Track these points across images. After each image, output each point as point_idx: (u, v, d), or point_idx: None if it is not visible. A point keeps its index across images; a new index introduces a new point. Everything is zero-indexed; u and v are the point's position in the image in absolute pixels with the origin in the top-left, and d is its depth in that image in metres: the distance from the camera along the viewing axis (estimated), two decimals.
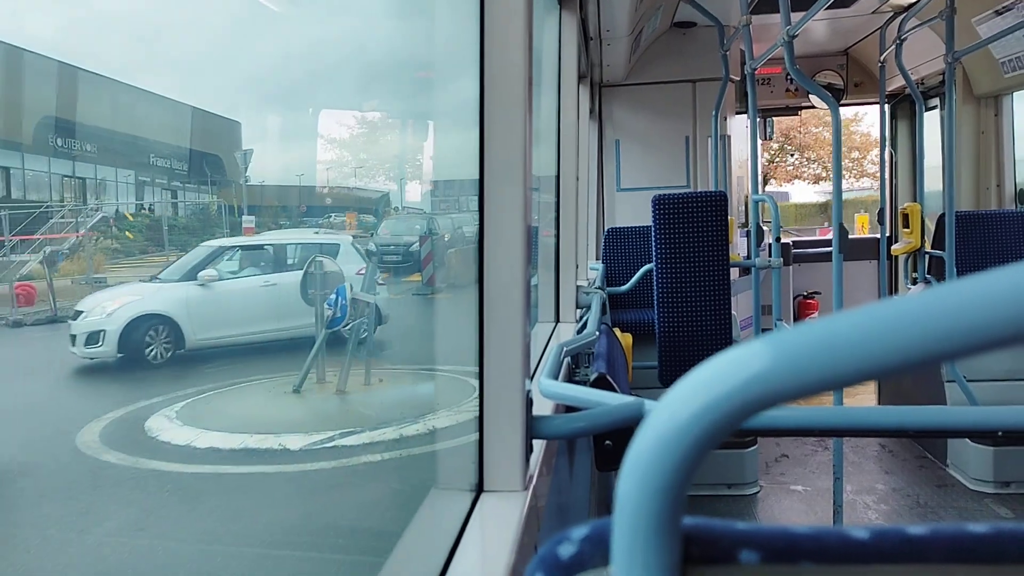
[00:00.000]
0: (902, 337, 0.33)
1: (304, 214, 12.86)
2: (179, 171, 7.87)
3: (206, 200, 8.65)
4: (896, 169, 8.00)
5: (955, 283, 0.33)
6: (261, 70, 7.09)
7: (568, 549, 0.44)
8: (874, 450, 5.57)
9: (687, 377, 0.39)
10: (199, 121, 8.41)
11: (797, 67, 3.91)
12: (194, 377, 7.43)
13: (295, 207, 12.31)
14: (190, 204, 8.02)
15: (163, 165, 7.59)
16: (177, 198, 7.89)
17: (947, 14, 4.90)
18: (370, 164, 14.97)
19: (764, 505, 4.79)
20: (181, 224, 8.22)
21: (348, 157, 15.60)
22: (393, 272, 12.16)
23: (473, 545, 1.24)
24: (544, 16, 3.57)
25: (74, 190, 6.43)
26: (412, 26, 8.51)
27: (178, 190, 7.76)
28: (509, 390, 1.38)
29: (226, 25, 6.45)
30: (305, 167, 12.73)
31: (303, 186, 12.94)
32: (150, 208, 7.51)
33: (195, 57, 6.31)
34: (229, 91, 7.07)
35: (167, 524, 4.64)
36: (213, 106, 7.72)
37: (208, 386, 7.19)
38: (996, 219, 5.48)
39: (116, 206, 7.21)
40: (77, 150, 6.43)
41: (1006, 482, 4.68)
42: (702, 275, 4.26)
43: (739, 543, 0.43)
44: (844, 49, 7.74)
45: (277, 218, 11.52)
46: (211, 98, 7.10)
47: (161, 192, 7.52)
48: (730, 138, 6.83)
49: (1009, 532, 0.42)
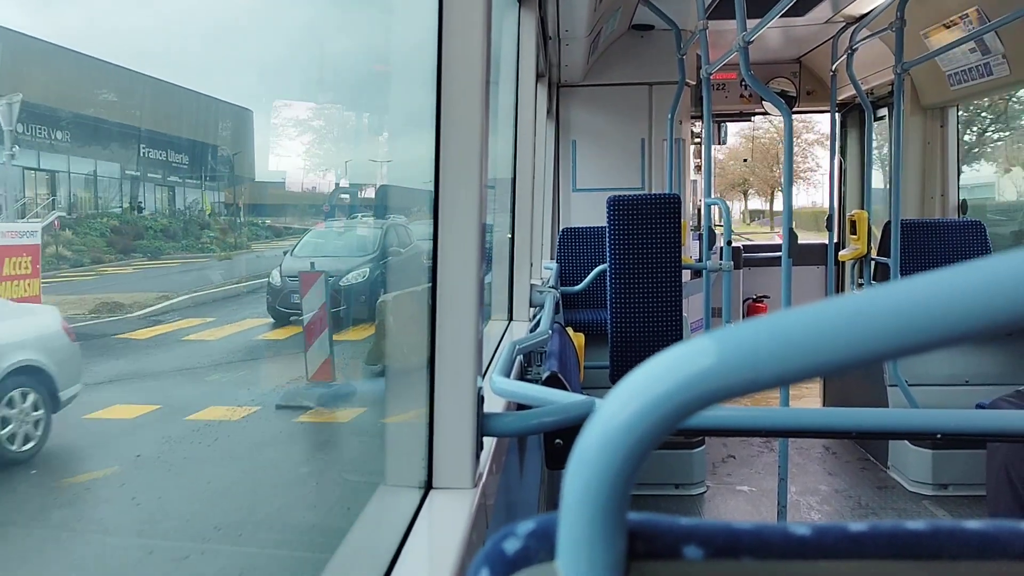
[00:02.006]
0: (845, 335, 0.34)
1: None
2: (178, 165, 6.82)
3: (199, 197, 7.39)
4: (845, 176, 8.16)
5: (898, 283, 0.34)
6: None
7: (513, 544, 0.44)
8: (818, 452, 5.68)
9: (633, 373, 0.39)
10: (203, 108, 7.45)
11: (752, 73, 3.96)
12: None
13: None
14: (170, 202, 7.01)
15: (157, 157, 6.62)
16: (175, 195, 6.88)
17: (897, 26, 5.01)
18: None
19: (711, 505, 4.86)
20: (159, 227, 7.01)
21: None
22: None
23: (421, 542, 1.23)
24: (503, 14, 3.56)
25: (37, 185, 5.58)
26: (366, 17, 8.04)
27: (176, 187, 6.77)
28: (460, 387, 1.37)
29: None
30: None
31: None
32: (138, 207, 6.44)
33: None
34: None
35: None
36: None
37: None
38: (940, 228, 5.62)
39: (81, 204, 6.04)
40: (43, 138, 5.62)
41: (944, 484, 4.81)
42: (655, 276, 4.29)
43: (683, 539, 0.43)
44: (797, 57, 7.88)
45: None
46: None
47: (156, 189, 6.58)
48: (685, 141, 6.90)
49: (946, 529, 0.43)
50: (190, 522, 3.99)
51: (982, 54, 5.33)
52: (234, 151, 7.38)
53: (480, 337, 1.41)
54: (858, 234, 5.76)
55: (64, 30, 5.05)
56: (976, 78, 5.56)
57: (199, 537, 3.85)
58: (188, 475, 4.45)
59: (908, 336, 0.33)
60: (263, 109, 8.62)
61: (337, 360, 5.43)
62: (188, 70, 6.89)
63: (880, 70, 6.50)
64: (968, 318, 0.32)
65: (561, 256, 6.09)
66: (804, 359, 0.35)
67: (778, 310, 0.37)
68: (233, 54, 7.11)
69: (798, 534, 0.43)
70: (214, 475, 4.49)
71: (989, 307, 0.32)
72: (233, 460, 4.70)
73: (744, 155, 34.47)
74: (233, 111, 7.43)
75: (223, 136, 7.42)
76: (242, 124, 7.81)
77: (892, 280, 5.13)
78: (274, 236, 7.90)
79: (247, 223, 7.87)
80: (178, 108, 6.77)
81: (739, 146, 34.25)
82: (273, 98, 8.47)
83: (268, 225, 8.19)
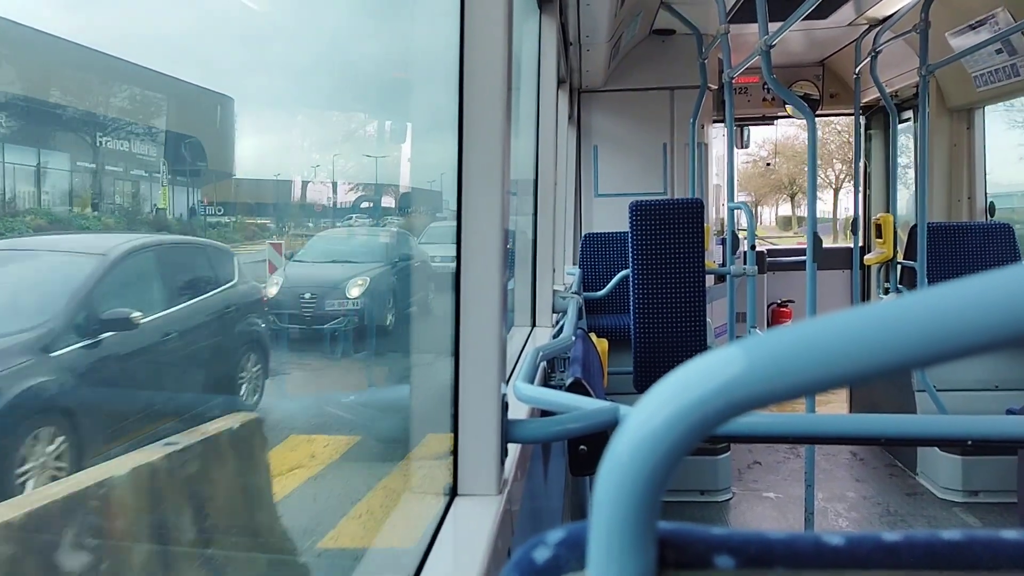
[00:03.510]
0: (874, 343, 0.34)
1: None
2: (143, 157, 5.68)
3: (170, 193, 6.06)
4: (869, 180, 8.09)
5: (927, 291, 0.33)
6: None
7: (543, 553, 0.44)
8: (845, 458, 5.63)
9: (663, 381, 0.39)
10: (173, 93, 6.14)
11: (774, 76, 3.94)
12: None
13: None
14: (122, 196, 5.76)
15: (119, 148, 5.63)
16: (139, 190, 5.98)
17: (921, 28, 4.96)
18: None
19: (736, 512, 4.82)
20: (102, 226, 5.85)
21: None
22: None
23: (446, 549, 1.23)
24: (524, 20, 3.57)
25: None
26: (389, 26, 7.62)
27: (141, 180, 5.87)
28: (485, 393, 1.37)
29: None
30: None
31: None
32: (91, 203, 5.56)
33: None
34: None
35: None
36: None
37: None
38: (968, 231, 5.55)
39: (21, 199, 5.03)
40: None
41: (974, 491, 4.74)
42: (678, 281, 4.28)
43: (714, 548, 0.43)
44: (820, 60, 7.82)
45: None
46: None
47: (116, 183, 5.69)
48: (707, 146, 6.87)
49: (982, 539, 0.43)
50: None
51: (1008, 55, 5.26)
52: (209, 142, 6.18)
53: (504, 343, 1.41)
54: (884, 238, 5.71)
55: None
56: (1003, 79, 5.49)
57: None
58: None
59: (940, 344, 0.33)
60: (250, 98, 7.03)
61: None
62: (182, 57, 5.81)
63: (904, 72, 6.45)
64: (1002, 325, 0.32)
65: (583, 261, 6.08)
66: (836, 367, 0.34)
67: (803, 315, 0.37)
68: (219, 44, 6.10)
69: (831, 544, 0.43)
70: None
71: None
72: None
73: (797, 153, 31.73)
74: (209, 98, 5.92)
75: (194, 125, 6.04)
76: (219, 113, 6.47)
77: (919, 284, 5.08)
78: (244, 239, 6.46)
79: (216, 224, 6.49)
80: (141, 92, 5.34)
81: (797, 141, 30.45)
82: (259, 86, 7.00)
83: (248, 224, 6.75)
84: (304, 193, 7.48)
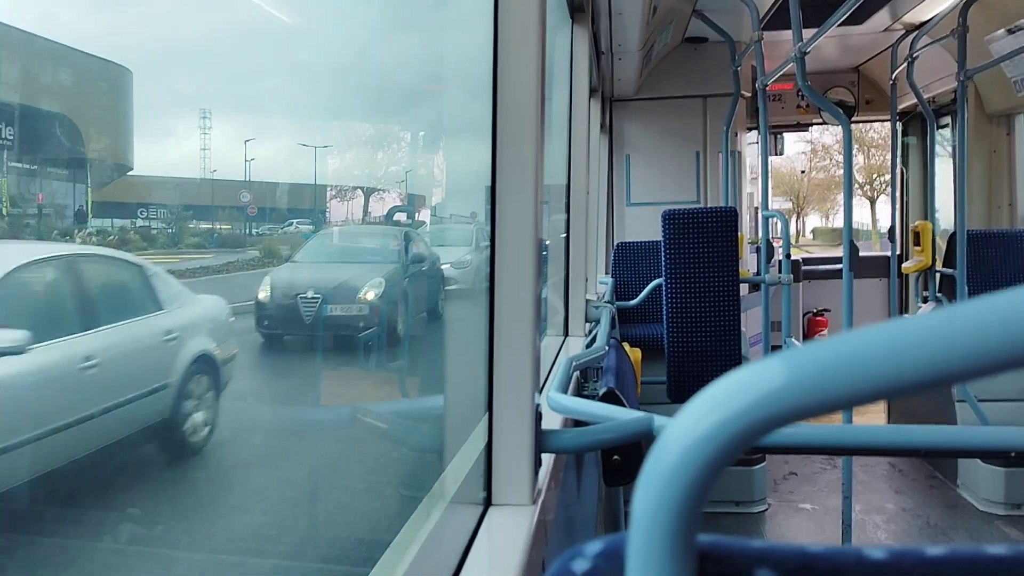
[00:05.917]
0: (916, 356, 0.33)
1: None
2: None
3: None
4: (907, 187, 7.98)
5: (970, 303, 0.33)
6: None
7: (582, 565, 0.44)
8: (883, 469, 5.54)
9: (703, 393, 0.39)
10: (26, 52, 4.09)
11: (808, 83, 3.91)
12: None
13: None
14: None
15: None
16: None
17: (959, 33, 4.90)
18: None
19: (772, 523, 4.76)
20: None
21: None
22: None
23: (481, 559, 1.23)
24: (556, 30, 3.58)
25: None
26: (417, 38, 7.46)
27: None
28: (519, 403, 1.37)
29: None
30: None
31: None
32: None
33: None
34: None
35: None
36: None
37: None
38: (1008, 239, 5.46)
39: None
40: None
41: (1017, 504, 4.65)
42: (712, 291, 4.25)
43: (755, 561, 0.43)
44: (855, 66, 7.74)
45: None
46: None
47: None
48: (741, 154, 6.83)
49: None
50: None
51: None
52: (91, 125, 4.27)
53: (538, 353, 1.41)
54: (922, 246, 5.63)
55: None
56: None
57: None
58: None
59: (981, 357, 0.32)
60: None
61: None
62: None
63: (942, 77, 6.36)
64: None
65: (616, 271, 6.06)
66: (875, 381, 0.34)
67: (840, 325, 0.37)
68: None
69: (873, 558, 0.42)
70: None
71: None
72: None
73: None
74: (95, 67, 3.97)
75: (73, 103, 3.96)
76: (110, 89, 4.35)
77: (959, 292, 5.00)
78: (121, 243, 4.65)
79: (96, 230, 4.56)
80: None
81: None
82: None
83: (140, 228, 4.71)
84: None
